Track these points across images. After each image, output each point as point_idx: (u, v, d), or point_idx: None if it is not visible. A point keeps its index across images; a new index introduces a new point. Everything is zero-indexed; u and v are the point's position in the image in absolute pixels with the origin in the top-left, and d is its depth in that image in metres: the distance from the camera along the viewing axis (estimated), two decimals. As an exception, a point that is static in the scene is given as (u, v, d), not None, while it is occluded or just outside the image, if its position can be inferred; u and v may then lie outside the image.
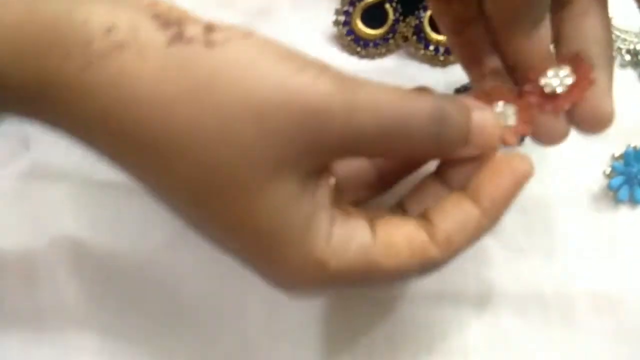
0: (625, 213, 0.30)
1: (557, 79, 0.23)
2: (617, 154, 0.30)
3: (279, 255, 0.19)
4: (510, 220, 0.29)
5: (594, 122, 0.24)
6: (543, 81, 0.24)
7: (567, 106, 0.24)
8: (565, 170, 0.31)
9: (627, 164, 0.30)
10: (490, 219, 0.21)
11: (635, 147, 0.30)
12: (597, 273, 0.29)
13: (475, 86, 0.27)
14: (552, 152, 0.31)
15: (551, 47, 0.24)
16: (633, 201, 0.30)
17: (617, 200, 0.30)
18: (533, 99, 0.24)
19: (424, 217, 0.21)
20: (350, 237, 0.20)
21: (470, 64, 0.27)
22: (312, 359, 0.28)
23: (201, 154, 0.18)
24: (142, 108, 0.18)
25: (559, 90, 0.23)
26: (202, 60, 0.18)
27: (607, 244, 0.30)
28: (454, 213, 0.21)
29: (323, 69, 0.19)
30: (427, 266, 0.21)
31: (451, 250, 0.21)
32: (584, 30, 0.23)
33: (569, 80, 0.23)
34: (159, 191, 0.20)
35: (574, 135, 0.26)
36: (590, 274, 0.29)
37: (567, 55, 0.24)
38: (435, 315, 0.28)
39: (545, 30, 0.23)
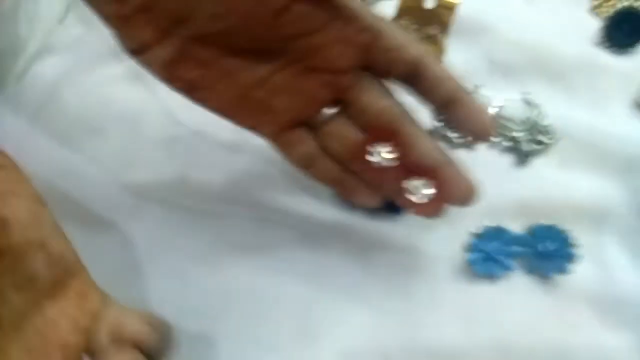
0: (482, 287, 0.33)
1: (419, 190, 0.29)
2: (476, 231, 0.32)
3: None
4: (376, 286, 0.33)
5: (462, 199, 0.29)
6: (409, 185, 0.29)
7: (430, 213, 0.29)
8: (431, 242, 0.34)
9: (483, 241, 0.32)
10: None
11: (492, 227, 0.32)
12: (446, 335, 0.31)
13: None
14: (419, 224, 0.34)
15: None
16: (491, 276, 0.33)
17: (475, 275, 0.33)
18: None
19: None
20: None
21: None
22: None
23: None
24: None
25: (417, 200, 0.29)
26: None
27: (462, 315, 0.32)
28: None
29: None
30: None
31: None
32: (421, 146, 0.29)
33: (425, 195, 0.29)
34: None
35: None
36: (439, 336, 0.31)
37: (422, 168, 0.29)
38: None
39: None
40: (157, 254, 0.33)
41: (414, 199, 0.29)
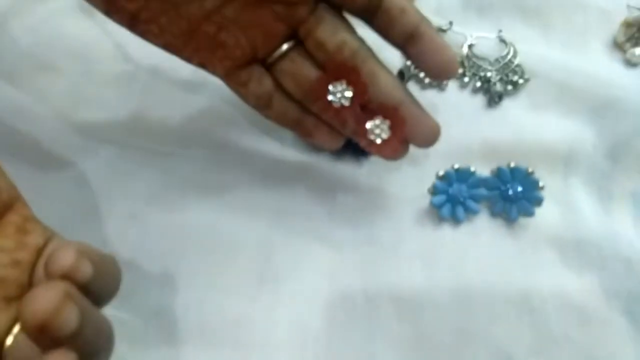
0: (446, 230, 0.32)
1: (380, 130, 0.28)
2: (441, 173, 0.31)
3: None
4: (340, 229, 0.32)
5: (424, 139, 0.28)
6: (368, 125, 0.28)
7: (388, 153, 0.29)
8: (396, 185, 0.33)
9: (448, 183, 0.31)
10: None
11: (457, 168, 0.31)
12: (409, 278, 0.31)
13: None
14: (385, 167, 0.33)
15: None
16: (455, 219, 0.32)
17: (439, 218, 0.32)
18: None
19: None
20: None
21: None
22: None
23: None
24: None
25: (378, 141, 0.28)
26: None
27: (425, 258, 0.31)
28: None
29: None
30: None
31: None
32: (382, 84, 0.27)
33: (385, 135, 0.28)
34: None
35: (410, 153, 0.29)
36: (401, 279, 0.30)
37: (381, 107, 0.28)
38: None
39: None
40: (112, 194, 0.32)
41: (375, 139, 0.28)
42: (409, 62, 0.37)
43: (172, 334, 0.29)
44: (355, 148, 0.34)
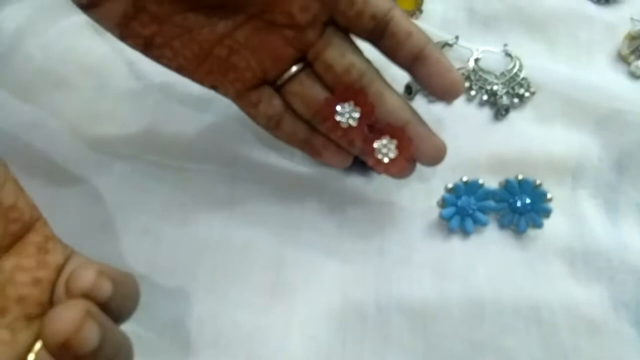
0: (455, 242, 0.32)
1: (388, 149, 0.29)
2: (450, 186, 0.32)
3: None
4: (350, 242, 0.32)
5: (431, 158, 0.29)
6: (376, 145, 0.29)
7: (395, 172, 0.29)
8: (406, 198, 0.34)
9: (457, 196, 0.32)
10: None
11: (466, 181, 0.32)
12: (419, 290, 0.31)
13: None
14: (394, 180, 0.34)
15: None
16: (464, 231, 0.32)
17: (449, 230, 0.32)
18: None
19: None
20: None
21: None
22: None
23: None
24: None
25: (385, 160, 0.29)
26: None
27: (435, 270, 0.32)
28: None
29: None
30: None
31: None
32: (388, 105, 0.28)
33: (392, 155, 0.28)
34: None
35: (418, 166, 0.30)
36: (412, 291, 0.31)
37: (388, 127, 0.28)
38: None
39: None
40: (126, 210, 0.33)
41: (382, 159, 0.29)
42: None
43: (186, 347, 0.29)
44: (364, 163, 0.34)
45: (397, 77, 0.37)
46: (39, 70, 0.37)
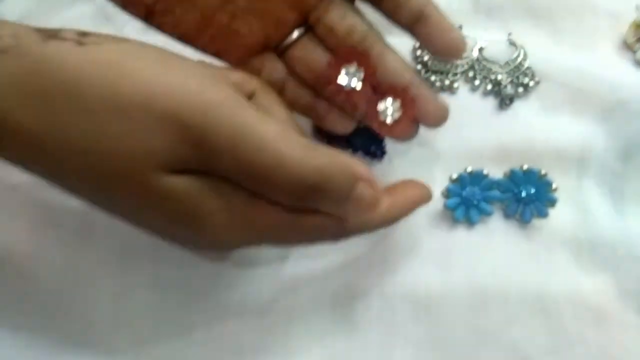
0: (460, 232, 0.32)
1: (391, 111, 0.29)
2: (454, 176, 0.32)
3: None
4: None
5: (434, 118, 0.29)
6: (380, 106, 0.28)
7: (400, 133, 0.29)
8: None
9: (462, 186, 0.32)
10: (389, 221, 0.26)
11: (470, 171, 0.32)
12: (423, 280, 0.31)
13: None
14: (398, 170, 0.34)
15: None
16: (469, 222, 0.32)
17: (454, 220, 0.32)
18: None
19: None
20: None
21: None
22: (152, 346, 0.30)
23: (77, 145, 0.20)
24: (17, 103, 0.20)
25: (389, 121, 0.28)
26: (73, 56, 0.20)
27: (440, 260, 0.32)
28: None
29: (210, 76, 0.21)
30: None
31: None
32: (390, 66, 0.28)
33: (397, 115, 0.28)
34: (61, 183, 0.22)
35: (423, 156, 0.29)
36: (416, 280, 0.31)
37: (391, 88, 0.28)
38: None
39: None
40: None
41: (385, 119, 0.28)
42: (419, 67, 0.37)
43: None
44: (367, 151, 0.34)
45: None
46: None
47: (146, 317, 0.30)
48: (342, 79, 0.28)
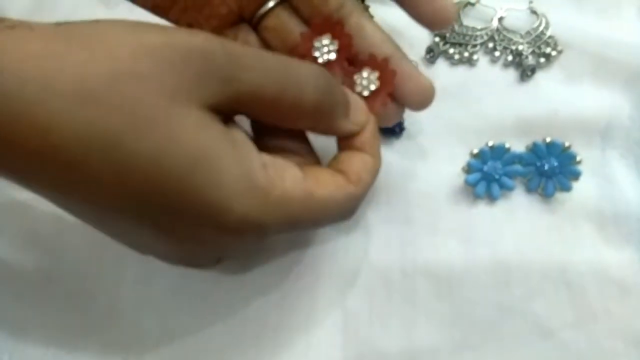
0: (482, 208, 0.32)
1: (366, 81, 0.27)
2: (475, 151, 0.31)
3: (215, 180, 0.20)
4: (372, 211, 0.32)
5: (417, 98, 0.27)
6: (356, 77, 0.27)
7: (378, 107, 0.27)
8: (430, 165, 0.33)
9: (483, 161, 0.31)
10: (379, 162, 0.26)
11: (492, 146, 0.31)
12: (445, 256, 0.31)
13: None
14: (418, 146, 0.33)
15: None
16: (490, 197, 0.32)
17: (475, 196, 0.32)
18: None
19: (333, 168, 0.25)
20: (283, 170, 0.22)
21: None
22: (179, 327, 0.30)
23: (101, 94, 0.18)
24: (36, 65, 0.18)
25: (365, 93, 0.27)
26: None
27: (462, 235, 0.31)
28: (356, 161, 0.25)
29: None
30: (350, 199, 0.24)
31: (362, 186, 0.25)
32: (369, 37, 0.27)
33: (373, 86, 0.27)
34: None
35: (442, 131, 0.29)
36: (438, 257, 0.31)
37: (370, 59, 0.27)
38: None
39: None
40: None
41: (362, 91, 0.27)
42: (437, 39, 0.36)
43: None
44: (385, 130, 0.34)
45: (417, 40, 0.36)
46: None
47: (170, 299, 0.30)
48: (317, 51, 0.27)
